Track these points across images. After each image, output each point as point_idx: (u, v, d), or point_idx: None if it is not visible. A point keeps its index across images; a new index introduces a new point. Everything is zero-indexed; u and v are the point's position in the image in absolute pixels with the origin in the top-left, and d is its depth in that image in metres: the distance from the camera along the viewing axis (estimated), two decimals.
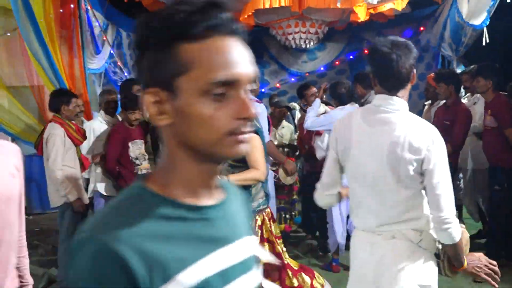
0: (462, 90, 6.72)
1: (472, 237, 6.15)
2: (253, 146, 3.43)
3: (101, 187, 5.43)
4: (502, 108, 5.06)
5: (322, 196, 2.80)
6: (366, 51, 10.38)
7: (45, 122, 6.98)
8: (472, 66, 6.24)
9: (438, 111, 5.75)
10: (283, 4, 7.63)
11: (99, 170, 5.44)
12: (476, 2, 6.89)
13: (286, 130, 7.02)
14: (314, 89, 6.12)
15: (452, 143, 5.19)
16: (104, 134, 5.48)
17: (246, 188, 3.56)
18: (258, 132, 3.67)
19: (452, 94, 5.44)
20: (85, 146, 5.66)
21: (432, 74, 6.11)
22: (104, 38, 7.50)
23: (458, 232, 2.43)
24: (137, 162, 5.22)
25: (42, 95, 7.11)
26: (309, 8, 7.93)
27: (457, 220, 2.44)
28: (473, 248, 5.68)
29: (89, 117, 6.48)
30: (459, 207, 6.53)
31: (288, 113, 7.59)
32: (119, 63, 7.91)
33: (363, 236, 2.65)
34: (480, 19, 6.90)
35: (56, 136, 5.02)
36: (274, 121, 6.71)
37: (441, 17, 9.01)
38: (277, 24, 8.87)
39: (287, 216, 6.53)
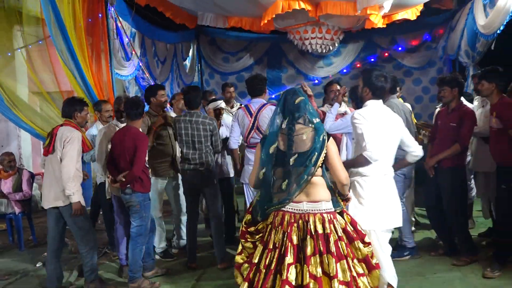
0: (473, 92, 6.79)
1: (481, 234, 6.30)
2: (336, 152, 3.59)
3: None
4: (506, 109, 5.13)
5: None
6: (379, 57, 10.47)
7: None
8: (480, 71, 6.30)
9: (441, 114, 5.74)
10: (302, 6, 7.78)
11: None
12: (494, 18, 7.02)
13: None
14: (337, 86, 6.13)
15: (460, 142, 5.31)
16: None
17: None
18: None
19: (456, 98, 5.53)
20: None
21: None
22: (133, 50, 7.63)
23: None
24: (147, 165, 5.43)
25: None
26: (326, 14, 8.10)
27: None
28: (481, 247, 5.81)
29: None
30: (470, 206, 6.61)
31: None
32: (145, 70, 8.06)
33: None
34: (493, 30, 7.09)
35: (75, 139, 5.10)
36: None
37: (458, 25, 9.10)
38: (295, 29, 9.04)
39: None
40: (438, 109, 6.62)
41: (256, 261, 3.53)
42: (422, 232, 6.53)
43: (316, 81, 11.41)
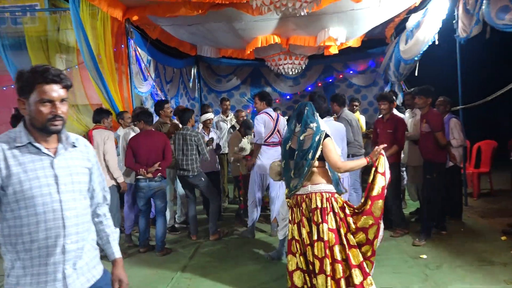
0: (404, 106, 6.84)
1: (411, 213, 6.35)
2: (332, 149, 3.54)
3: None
4: (434, 117, 5.21)
5: None
6: (335, 78, 10.49)
7: None
8: (412, 89, 6.33)
9: (378, 123, 5.79)
10: (276, 41, 7.80)
11: None
12: (412, 46, 7.16)
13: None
14: None
15: (398, 144, 5.45)
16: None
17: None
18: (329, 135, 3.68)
19: (391, 110, 5.62)
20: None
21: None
22: (148, 73, 7.60)
23: None
24: None
25: None
26: (294, 45, 8.13)
27: None
28: (411, 222, 5.87)
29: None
30: (402, 191, 6.67)
31: None
32: (157, 89, 8.02)
33: None
34: (412, 56, 7.19)
35: (113, 138, 5.29)
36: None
37: (387, 53, 9.22)
38: (271, 57, 9.07)
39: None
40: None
41: (290, 237, 3.68)
42: None
43: (288, 97, 11.47)
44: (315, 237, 3.43)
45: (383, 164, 3.54)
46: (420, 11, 7.04)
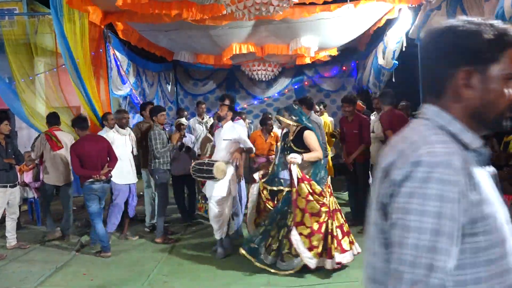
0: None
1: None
2: (312, 138, 4.29)
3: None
4: (387, 118, 5.56)
5: None
6: (306, 83, 10.88)
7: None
8: (378, 93, 6.67)
9: (343, 123, 5.99)
10: (250, 50, 8.08)
11: None
12: (388, 55, 7.54)
13: None
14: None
15: (364, 143, 5.69)
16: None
17: (313, 163, 4.32)
18: (311, 129, 4.39)
19: (355, 111, 5.86)
20: None
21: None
22: (126, 77, 7.64)
23: None
24: None
25: (78, 112, 7.26)
26: (268, 54, 8.43)
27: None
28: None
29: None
30: (369, 191, 6.95)
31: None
32: (135, 92, 8.08)
33: None
34: (389, 66, 7.57)
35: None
36: None
37: (367, 66, 9.52)
38: (246, 63, 9.33)
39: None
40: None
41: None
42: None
43: (261, 100, 11.76)
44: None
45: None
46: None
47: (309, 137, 4.30)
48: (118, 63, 7.38)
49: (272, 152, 6.49)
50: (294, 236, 4.06)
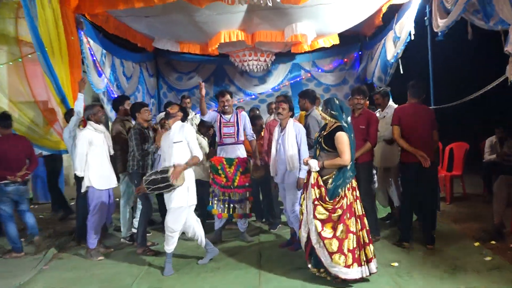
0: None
1: (382, 219, 6.20)
2: (343, 141, 4.04)
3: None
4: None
5: None
6: (303, 77, 10.34)
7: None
8: (381, 89, 6.19)
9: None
10: (240, 38, 7.51)
11: None
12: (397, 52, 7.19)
13: None
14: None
15: (370, 141, 5.24)
16: None
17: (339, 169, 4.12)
18: (345, 130, 4.11)
19: (365, 106, 5.47)
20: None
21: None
22: (100, 68, 7.05)
23: None
24: None
25: (46, 107, 6.75)
26: (260, 42, 7.88)
27: None
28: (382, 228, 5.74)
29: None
30: (373, 196, 6.48)
31: None
32: (110, 86, 7.44)
33: None
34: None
35: None
36: None
37: (374, 59, 9.04)
38: (235, 53, 8.79)
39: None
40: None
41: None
42: None
43: (253, 96, 11.09)
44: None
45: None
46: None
47: (341, 139, 4.09)
48: (92, 52, 6.78)
49: (263, 155, 6.12)
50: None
